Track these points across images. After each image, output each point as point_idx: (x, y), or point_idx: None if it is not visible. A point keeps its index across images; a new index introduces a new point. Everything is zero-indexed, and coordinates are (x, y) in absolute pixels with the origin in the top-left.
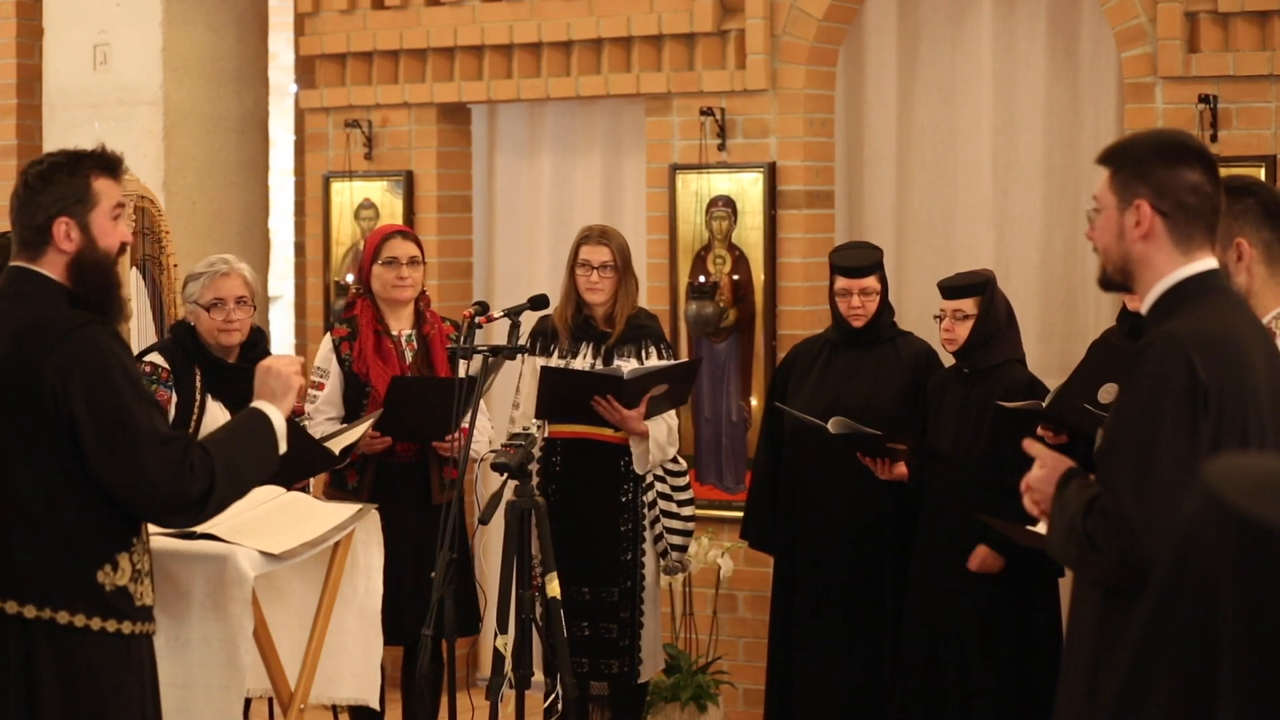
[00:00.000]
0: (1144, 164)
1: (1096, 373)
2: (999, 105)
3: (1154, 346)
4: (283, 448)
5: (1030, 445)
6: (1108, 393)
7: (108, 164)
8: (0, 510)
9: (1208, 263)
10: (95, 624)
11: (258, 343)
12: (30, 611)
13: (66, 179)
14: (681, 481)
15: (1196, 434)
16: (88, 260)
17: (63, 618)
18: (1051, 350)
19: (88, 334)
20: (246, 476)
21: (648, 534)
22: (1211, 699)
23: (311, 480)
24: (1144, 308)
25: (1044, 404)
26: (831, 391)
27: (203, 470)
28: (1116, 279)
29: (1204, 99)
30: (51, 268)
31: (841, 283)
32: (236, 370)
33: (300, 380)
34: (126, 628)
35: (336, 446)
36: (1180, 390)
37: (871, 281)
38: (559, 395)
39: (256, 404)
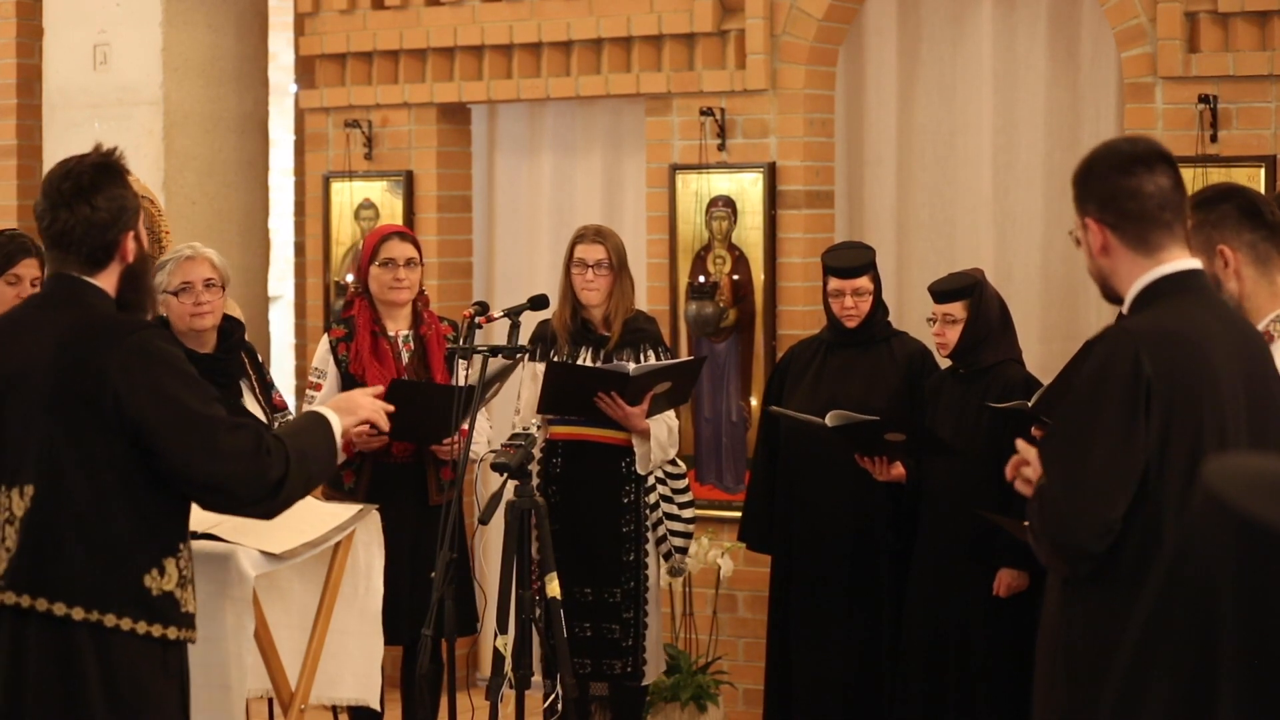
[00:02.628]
0: (1085, 182)
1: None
2: (999, 105)
3: (1104, 340)
4: (340, 456)
5: (1023, 447)
6: None
7: (125, 164)
8: (53, 513)
9: (1183, 263)
10: (141, 628)
11: (233, 331)
12: (79, 614)
13: (121, 191)
14: (681, 484)
15: (1133, 428)
16: (139, 267)
17: (109, 621)
18: (1052, 350)
19: (144, 337)
20: (313, 470)
21: (650, 535)
22: (1211, 698)
23: None
24: (1124, 311)
25: (1030, 404)
26: (827, 392)
27: (279, 454)
28: (1106, 294)
29: (1204, 99)
30: (106, 280)
31: (834, 283)
32: (211, 360)
33: (371, 410)
34: (172, 633)
35: None
36: (1122, 383)
37: (864, 281)
38: (563, 391)
39: (318, 409)
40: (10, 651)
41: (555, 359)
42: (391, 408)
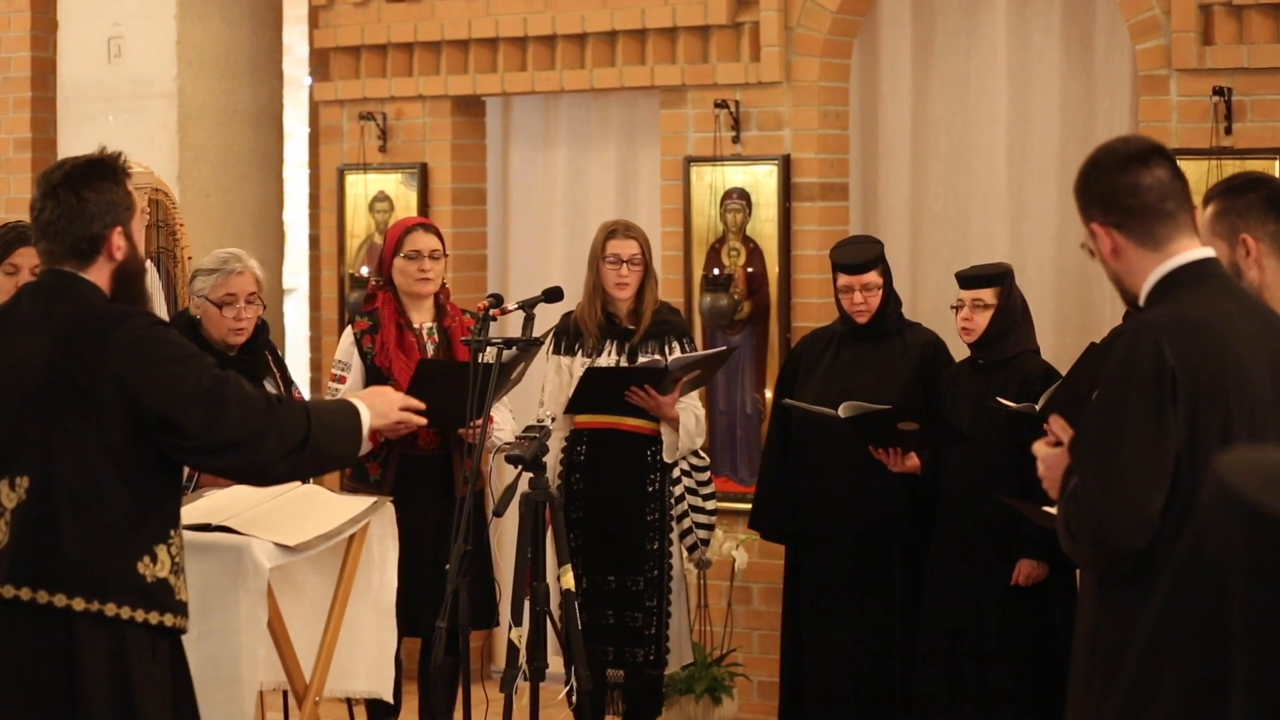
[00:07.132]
0: (1085, 189)
1: (1089, 376)
2: (1014, 98)
3: (1125, 334)
4: (363, 449)
5: (1054, 420)
6: None
7: (127, 168)
8: (50, 504)
9: (1195, 252)
10: (139, 616)
11: (259, 332)
12: (79, 604)
13: (113, 187)
14: (705, 476)
15: (1163, 420)
16: (131, 269)
17: (110, 610)
18: (1066, 343)
19: (139, 323)
20: (334, 445)
21: (675, 525)
22: (1223, 692)
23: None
24: (1141, 306)
25: (1038, 407)
26: (840, 384)
27: (296, 412)
28: (1125, 297)
29: (1218, 91)
30: (97, 275)
31: (843, 279)
32: (237, 360)
33: (402, 419)
34: (168, 620)
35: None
36: (1147, 377)
37: (873, 276)
38: (600, 395)
39: (350, 397)
40: (4, 644)
41: (580, 353)
42: (421, 404)
